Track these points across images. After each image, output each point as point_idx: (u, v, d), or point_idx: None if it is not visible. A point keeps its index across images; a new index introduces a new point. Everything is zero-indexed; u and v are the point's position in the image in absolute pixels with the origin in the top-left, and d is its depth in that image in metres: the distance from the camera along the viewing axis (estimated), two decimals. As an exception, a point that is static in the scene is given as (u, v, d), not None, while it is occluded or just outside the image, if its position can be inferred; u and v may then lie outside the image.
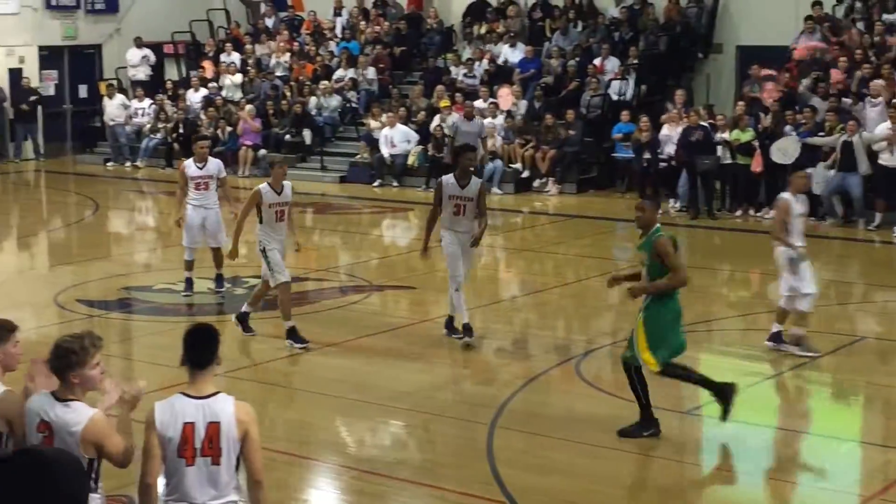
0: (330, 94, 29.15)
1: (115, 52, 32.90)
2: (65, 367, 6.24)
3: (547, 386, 12.65)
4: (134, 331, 14.97)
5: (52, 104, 31.96)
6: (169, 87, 31.59)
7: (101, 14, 32.84)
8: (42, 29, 31.69)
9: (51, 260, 20.28)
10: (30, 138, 31.25)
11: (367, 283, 17.46)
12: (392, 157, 26.45)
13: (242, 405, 6.28)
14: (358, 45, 30.86)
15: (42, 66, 31.91)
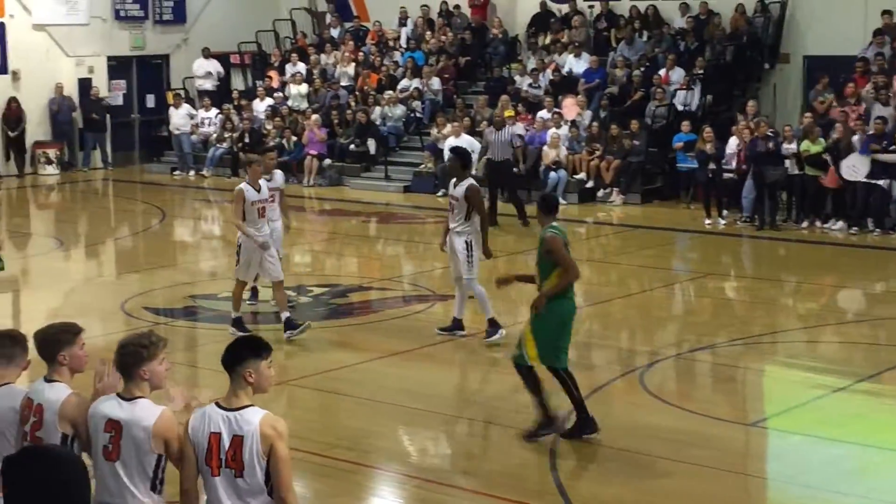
0: (394, 103, 29.24)
1: (182, 62, 33.19)
2: (134, 362, 6.31)
3: (610, 397, 12.59)
4: (199, 338, 15.07)
5: (121, 114, 32.30)
6: (235, 96, 31.82)
7: (169, 24, 33.15)
8: (111, 39, 32.05)
9: (118, 268, 20.48)
10: (98, 147, 31.60)
11: (431, 292, 17.47)
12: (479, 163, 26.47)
13: (270, 420, 6.14)
14: (423, 54, 30.93)
15: (111, 76, 32.26)
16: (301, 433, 11.18)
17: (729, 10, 27.97)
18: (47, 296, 17.56)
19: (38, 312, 15.72)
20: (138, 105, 33.00)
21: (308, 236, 21.53)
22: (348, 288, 17.67)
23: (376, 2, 33.32)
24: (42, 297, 17.54)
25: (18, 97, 30.07)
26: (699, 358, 14.15)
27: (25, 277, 18.70)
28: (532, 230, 22.04)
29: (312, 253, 20.57)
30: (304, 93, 31.02)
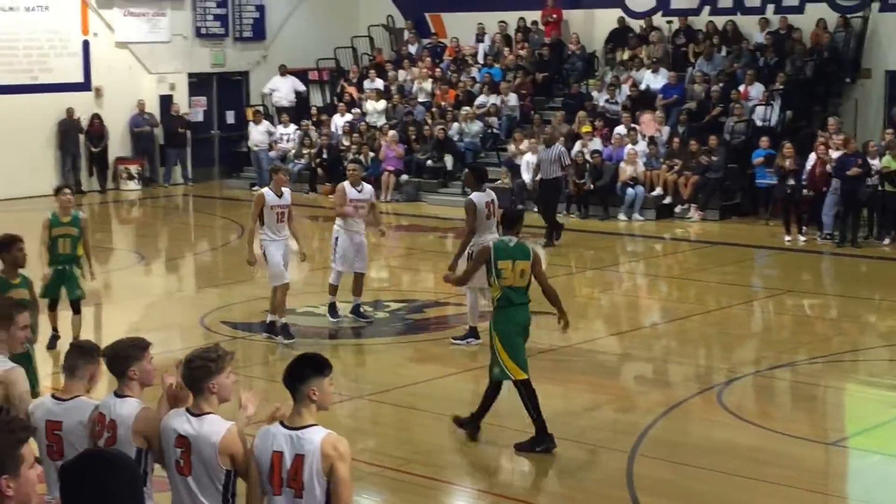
0: (472, 119, 29.28)
1: (261, 78, 33.46)
2: (202, 376, 6.35)
3: (688, 414, 12.49)
4: (276, 353, 15.16)
5: (201, 130, 32.63)
6: (313, 113, 32.03)
7: (249, 42, 33.45)
8: (192, 57, 32.40)
9: (198, 282, 20.67)
10: (179, 163, 31.94)
11: (507, 308, 17.41)
12: (534, 182, 26.42)
13: (332, 440, 6.09)
14: (500, 70, 30.95)
15: (191, 93, 32.62)
16: (377, 448, 11.20)
17: (809, 25, 27.70)
18: (128, 310, 17.76)
19: (119, 326, 15.91)
20: (218, 121, 33.31)
21: (385, 252, 21.60)
22: (425, 303, 17.70)
23: (454, 18, 33.40)
24: (123, 311, 17.75)
25: (101, 114, 30.48)
26: (778, 376, 14.00)
27: (107, 291, 18.92)
28: (559, 251, 22.00)
29: (389, 268, 20.63)
30: (381, 109, 31.15)
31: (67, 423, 6.76)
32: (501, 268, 11.20)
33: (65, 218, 14.55)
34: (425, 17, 34.06)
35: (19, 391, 7.25)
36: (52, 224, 14.52)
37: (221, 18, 32.80)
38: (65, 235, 14.52)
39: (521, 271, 11.25)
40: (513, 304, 11.19)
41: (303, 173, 30.44)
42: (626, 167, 25.82)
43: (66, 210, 14.59)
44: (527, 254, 11.36)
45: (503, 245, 11.37)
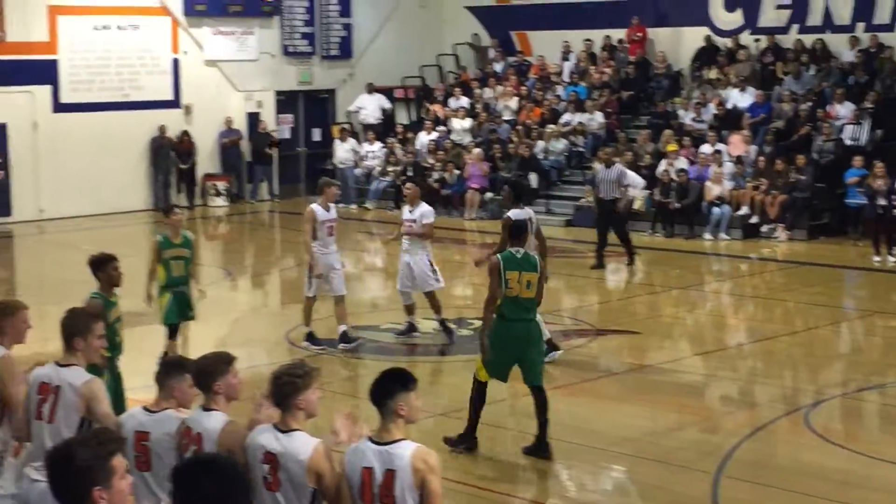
0: (557, 137, 29.24)
1: (348, 96, 33.68)
2: (290, 392, 6.38)
3: (774, 436, 12.35)
4: (360, 369, 15.22)
5: (287, 147, 32.91)
6: (399, 130, 32.17)
7: (336, 60, 33.69)
8: (279, 74, 32.70)
9: (283, 298, 20.81)
10: (266, 180, 32.21)
11: (591, 326, 17.38)
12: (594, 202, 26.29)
13: (422, 454, 6.10)
14: (585, 89, 30.89)
15: (278, 111, 32.92)
16: (459, 465, 11.21)
17: (900, 42, 27.36)
18: (215, 325, 17.92)
19: (206, 341, 16.06)
20: (305, 139, 33.58)
21: (469, 269, 21.62)
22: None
23: (539, 36, 33.40)
24: (210, 326, 17.90)
25: (190, 131, 30.84)
26: (867, 398, 13.80)
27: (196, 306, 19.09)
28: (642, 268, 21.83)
29: (473, 286, 20.61)
30: (466, 126, 31.21)
31: (155, 435, 6.84)
32: (508, 278, 11.41)
33: (176, 239, 14.30)
34: (511, 35, 34.09)
35: (103, 409, 7.29)
36: (162, 246, 14.22)
37: (309, 37, 33.08)
38: (177, 258, 14.26)
39: (527, 282, 11.47)
40: (505, 318, 11.42)
41: (387, 190, 30.55)
42: (712, 186, 25.62)
43: (176, 231, 14.34)
44: (535, 266, 11.59)
45: (511, 256, 11.59)
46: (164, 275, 14.21)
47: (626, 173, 22.26)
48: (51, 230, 27.65)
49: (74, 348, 7.41)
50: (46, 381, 7.37)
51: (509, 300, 11.39)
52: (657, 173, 26.41)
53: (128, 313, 12.04)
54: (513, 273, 11.42)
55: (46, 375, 7.40)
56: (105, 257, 10.77)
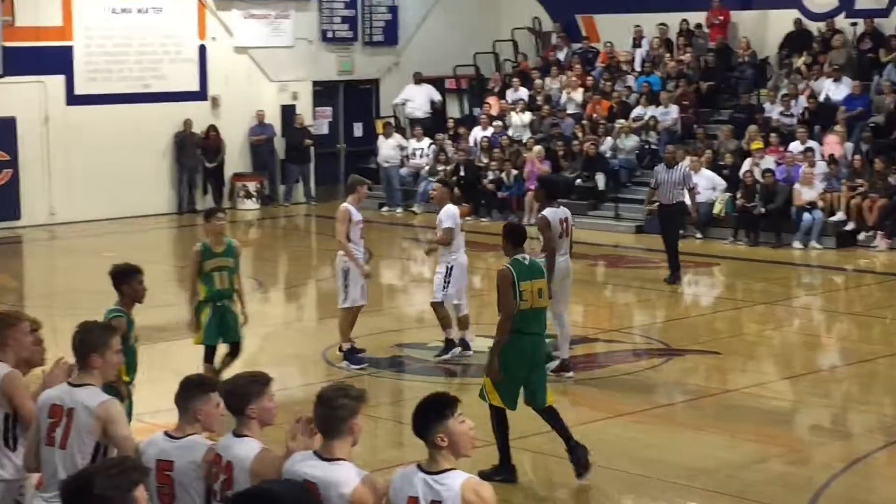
0: (627, 133, 29.19)
1: (392, 87, 33.76)
2: (343, 416, 6.40)
3: (872, 470, 12.28)
4: (406, 391, 15.26)
5: (325, 144, 33.01)
6: (450, 125, 32.21)
7: (380, 46, 33.80)
8: (317, 63, 32.82)
9: (319, 312, 20.88)
10: (301, 180, 32.26)
11: (665, 345, 17.34)
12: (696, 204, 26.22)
13: (473, 484, 6.14)
14: (659, 79, 30.82)
15: (316, 103, 33.04)
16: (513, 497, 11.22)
17: None
18: (244, 341, 17.98)
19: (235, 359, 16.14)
20: (345, 134, 33.69)
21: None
22: (572, 338, 17.63)
23: (607, 20, 33.33)
24: (238, 342, 17.99)
25: (218, 125, 30.98)
26: (977, 428, 13.69)
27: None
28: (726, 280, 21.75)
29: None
30: (525, 121, 31.21)
31: (179, 464, 6.87)
32: (523, 289, 11.59)
33: (218, 247, 13.97)
34: (576, 19, 34.06)
35: (122, 433, 7.33)
36: (204, 255, 13.89)
37: (350, 21, 33.21)
38: (220, 268, 13.93)
39: (538, 290, 11.70)
40: (523, 332, 11.55)
41: (437, 193, 30.54)
42: (801, 189, 25.49)
43: (219, 238, 14.03)
44: (542, 271, 11.88)
45: (520, 265, 11.77)
46: (204, 288, 13.93)
47: (691, 175, 22.16)
48: (63, 235, 27.89)
49: (90, 366, 7.45)
50: (58, 403, 7.41)
51: (523, 313, 11.57)
52: (740, 174, 26.30)
53: (145, 328, 12.14)
54: (526, 283, 11.63)
55: (58, 397, 7.45)
56: (130, 269, 10.71)
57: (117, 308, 10.51)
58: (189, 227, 28.93)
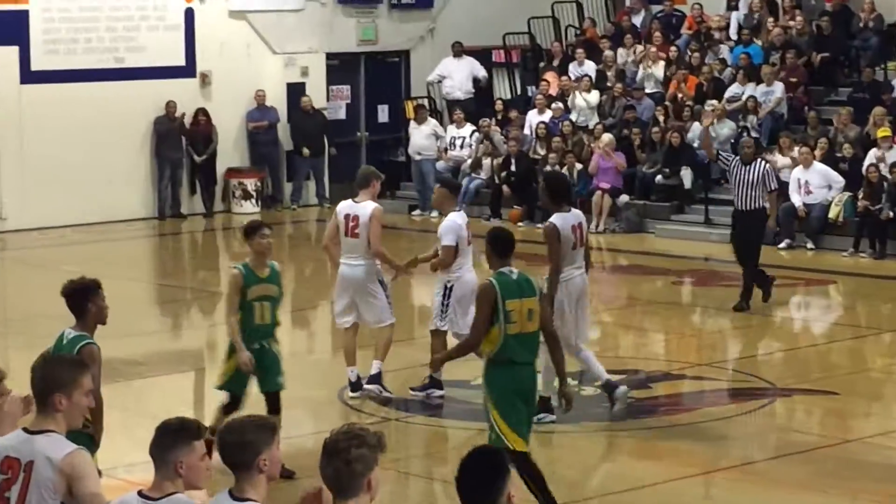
0: (721, 118, 29.11)
1: (426, 60, 33.75)
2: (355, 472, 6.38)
3: None
4: (439, 441, 15.25)
5: (343, 132, 33.04)
6: (498, 108, 32.18)
7: (410, 10, 33.83)
8: (332, 30, 32.82)
9: (334, 342, 20.84)
10: (312, 177, 32.24)
11: (768, 384, 17.27)
12: (807, 207, 26.17)
13: None
14: (761, 49, 30.74)
15: (330, 81, 33.06)
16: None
17: None
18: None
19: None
20: (366, 120, 33.72)
21: (596, 302, 21.58)
22: (651, 375, 17.62)
23: (696, -24, 33.31)
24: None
25: (208, 108, 31.03)
26: None
27: (213, 353, 19.28)
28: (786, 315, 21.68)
29: (602, 325, 20.57)
30: (592, 103, 31.17)
31: None
32: (511, 309, 11.71)
33: (262, 271, 13.74)
34: (656, -26, 34.08)
35: (90, 489, 7.32)
36: (247, 282, 13.58)
37: (373, -22, 33.30)
38: (263, 298, 13.67)
39: (528, 311, 11.83)
40: (515, 362, 11.75)
41: (482, 192, 30.53)
42: (940, 188, 25.41)
43: (262, 261, 13.83)
44: (533, 288, 11.97)
45: (506, 279, 11.89)
46: (243, 323, 13.59)
47: (772, 174, 21.59)
48: (16, 245, 27.96)
49: (53, 408, 7.45)
50: (14, 456, 7.42)
51: (512, 338, 11.70)
52: (863, 169, 26.19)
53: (116, 360, 12.17)
54: (514, 302, 11.76)
55: (12, 447, 7.46)
56: (92, 284, 10.74)
57: (83, 334, 10.48)
58: (172, 236, 29.04)
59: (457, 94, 32.90)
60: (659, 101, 30.61)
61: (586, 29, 34.00)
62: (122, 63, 30.33)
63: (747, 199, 21.04)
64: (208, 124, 30.95)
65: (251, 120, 31.78)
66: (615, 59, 32.26)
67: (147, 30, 30.65)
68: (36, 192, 28.96)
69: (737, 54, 30.80)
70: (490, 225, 28.94)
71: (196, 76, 31.23)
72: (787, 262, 25.23)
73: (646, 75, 31.53)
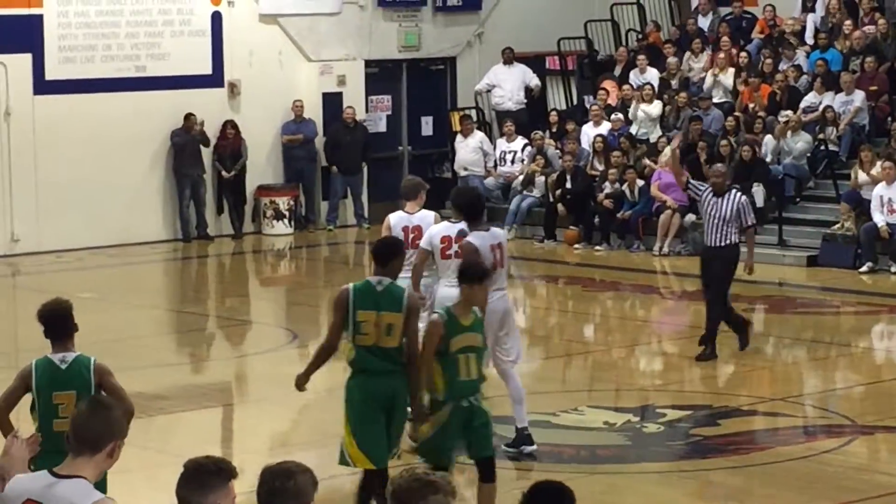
0: (795, 130, 29.05)
1: (474, 68, 33.79)
2: None
3: None
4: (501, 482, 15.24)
5: (383, 145, 33.09)
6: (553, 120, 32.18)
7: (456, 13, 33.85)
8: (371, 36, 32.87)
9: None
10: (350, 195, 32.23)
11: (850, 421, 17.22)
12: (890, 227, 26.07)
13: None
14: (839, 55, 30.67)
15: (369, 91, 33.11)
16: None
17: None
18: (271, 413, 18.04)
19: (255, 437, 16.20)
20: (409, 133, 33.75)
21: (659, 330, 21.56)
22: (720, 411, 17.58)
23: (768, -25, 33.28)
24: (262, 414, 18.04)
25: (237, 121, 31.11)
26: None
27: (242, 386, 19.34)
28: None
29: (665, 356, 20.57)
30: (655, 114, 31.14)
31: None
32: (361, 320, 12.19)
33: (466, 318, 12.68)
34: (725, -27, 34.05)
35: None
36: (449, 330, 12.53)
37: (416, -22, 33.37)
38: (468, 349, 12.59)
39: (387, 326, 12.20)
40: (368, 371, 12.31)
41: (535, 211, 30.52)
42: None
43: (469, 305, 12.82)
44: (397, 304, 12.27)
45: (367, 288, 12.34)
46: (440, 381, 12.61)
47: (748, 208, 20.22)
48: (30, 270, 28.08)
49: (106, 454, 7.43)
50: (37, 500, 7.42)
51: (364, 350, 12.35)
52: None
53: (137, 394, 12.18)
54: (367, 313, 12.26)
55: (36, 490, 7.45)
56: (66, 304, 10.96)
57: (82, 353, 10.65)
58: (197, 259, 29.10)
59: (507, 105, 32.92)
60: (728, 111, 30.57)
61: (649, 33, 33.97)
62: (143, 72, 30.40)
63: (719, 235, 19.97)
64: (237, 138, 30.93)
65: (286, 133, 31.78)
66: (680, 65, 32.25)
67: (171, 36, 30.74)
68: (50, 212, 29.05)
69: (813, 60, 30.74)
70: (545, 248, 28.99)
71: (224, 86, 31.29)
72: (868, 288, 25.15)
73: (714, 84, 31.49)
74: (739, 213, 19.92)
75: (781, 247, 27.63)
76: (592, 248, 28.69)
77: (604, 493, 14.80)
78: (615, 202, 29.24)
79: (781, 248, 27.57)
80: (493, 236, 15.52)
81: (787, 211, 28.38)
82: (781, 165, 28.96)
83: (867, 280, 25.56)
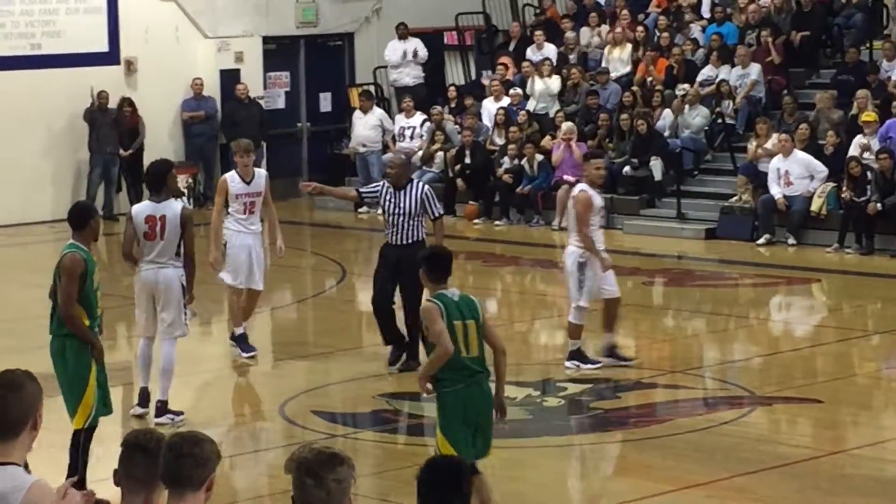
0: (693, 104, 29.17)
1: (372, 43, 33.75)
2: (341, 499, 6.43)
3: None
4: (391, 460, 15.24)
5: (282, 122, 33.04)
6: (451, 95, 32.18)
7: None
8: (268, 12, 32.75)
9: (275, 352, 20.82)
10: (249, 173, 32.19)
11: (747, 392, 17.32)
12: (787, 199, 26.24)
13: None
14: (736, 28, 30.81)
15: (267, 68, 33.03)
16: None
17: None
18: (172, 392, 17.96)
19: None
20: (307, 109, 33.68)
21: (560, 305, 21.62)
22: (620, 384, 17.65)
23: (665, -51, 33.39)
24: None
25: (134, 98, 30.91)
26: None
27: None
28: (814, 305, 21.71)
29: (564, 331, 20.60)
30: (554, 90, 31.20)
31: None
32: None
33: None
34: (621, -52, 34.14)
35: None
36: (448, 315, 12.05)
37: (313, -47, 33.27)
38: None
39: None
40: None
41: (434, 186, 30.48)
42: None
43: None
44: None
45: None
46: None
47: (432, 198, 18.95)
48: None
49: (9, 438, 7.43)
50: None
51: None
52: (847, 157, 26.28)
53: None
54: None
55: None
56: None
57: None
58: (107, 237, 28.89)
59: (406, 80, 32.90)
60: (626, 86, 30.65)
61: (546, 8, 34.01)
62: (38, 50, 30.19)
63: (404, 232, 18.53)
64: (134, 115, 30.74)
65: (187, 110, 31.63)
66: (577, 40, 32.31)
67: (66, 13, 30.51)
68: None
69: (709, 34, 30.89)
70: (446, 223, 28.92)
71: (120, 63, 31.10)
72: (766, 260, 25.33)
73: (611, 58, 31.57)
74: (424, 204, 18.61)
75: (680, 220, 27.78)
76: (492, 223, 28.73)
77: (504, 467, 14.82)
78: (514, 177, 29.28)
79: (680, 222, 27.72)
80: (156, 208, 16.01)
81: (686, 184, 28.52)
82: (679, 139, 29.09)
83: (765, 252, 25.73)
